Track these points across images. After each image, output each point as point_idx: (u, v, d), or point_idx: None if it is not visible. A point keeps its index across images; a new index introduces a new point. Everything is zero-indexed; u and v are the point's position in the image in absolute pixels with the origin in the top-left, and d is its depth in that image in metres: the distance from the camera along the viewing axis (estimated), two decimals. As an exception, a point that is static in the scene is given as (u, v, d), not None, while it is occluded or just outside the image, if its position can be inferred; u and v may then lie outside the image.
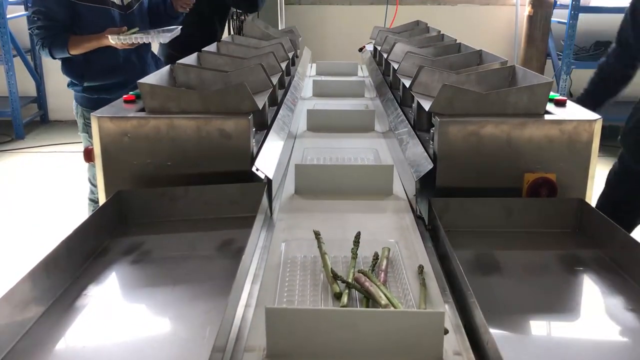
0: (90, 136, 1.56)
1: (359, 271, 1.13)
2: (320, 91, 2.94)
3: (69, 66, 2.80)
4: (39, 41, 2.68)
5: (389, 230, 1.42)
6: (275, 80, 2.01)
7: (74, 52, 2.67)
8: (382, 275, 1.16)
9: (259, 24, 3.29)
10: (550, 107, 1.57)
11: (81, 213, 3.11)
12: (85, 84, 2.80)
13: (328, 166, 1.80)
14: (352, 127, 2.30)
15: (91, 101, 2.79)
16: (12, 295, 0.97)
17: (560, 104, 1.60)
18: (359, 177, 1.66)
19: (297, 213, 1.53)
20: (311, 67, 3.70)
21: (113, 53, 2.76)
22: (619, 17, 2.39)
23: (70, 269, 1.16)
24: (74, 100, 2.92)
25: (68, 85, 2.89)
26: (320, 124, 2.31)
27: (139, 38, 2.62)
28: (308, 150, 2.02)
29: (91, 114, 1.49)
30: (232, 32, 4.67)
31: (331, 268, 1.16)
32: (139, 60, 2.92)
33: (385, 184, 1.66)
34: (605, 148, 5.61)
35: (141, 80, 1.56)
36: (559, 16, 5.83)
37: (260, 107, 1.59)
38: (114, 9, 2.75)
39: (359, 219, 1.49)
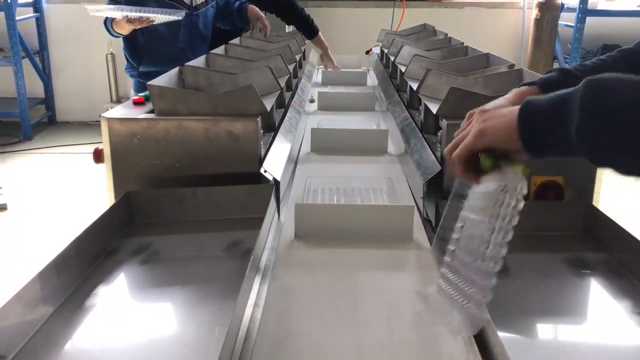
0: None
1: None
2: (325, 104, 2.71)
3: (131, 48, 3.00)
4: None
5: (412, 296, 1.15)
6: (282, 82, 2.02)
7: (117, 29, 2.84)
8: None
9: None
10: (557, 110, 1.56)
11: (90, 214, 3.12)
12: (141, 69, 2.96)
13: (335, 206, 1.52)
14: (362, 149, 2.08)
15: (144, 88, 2.98)
16: (22, 294, 0.98)
17: (567, 107, 1.60)
18: (372, 219, 1.42)
19: (296, 269, 1.29)
20: (317, 71, 3.62)
21: (172, 43, 2.95)
22: (626, 21, 2.39)
23: (80, 269, 1.17)
24: (132, 88, 3.14)
25: (125, 69, 3.09)
26: (325, 145, 2.09)
27: (133, 11, 2.64)
28: (312, 179, 1.77)
29: (101, 115, 1.51)
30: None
31: None
32: (194, 54, 2.96)
33: (405, 229, 1.42)
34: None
35: (150, 82, 1.58)
36: (566, 19, 5.82)
37: (269, 110, 1.60)
38: (182, 7, 2.89)
39: (373, 279, 1.24)
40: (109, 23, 2.85)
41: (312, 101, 2.79)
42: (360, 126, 2.33)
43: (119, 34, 2.90)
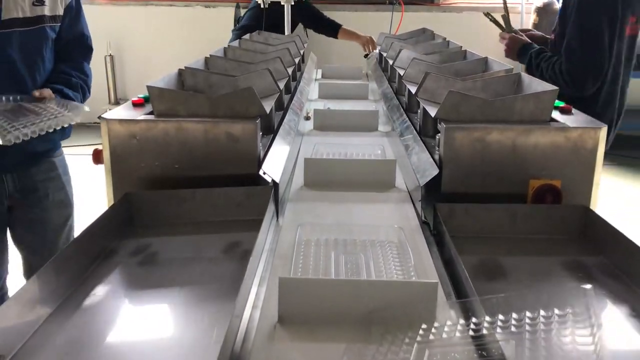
0: None
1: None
2: (322, 124, 2.40)
3: None
4: None
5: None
6: (282, 85, 2.02)
7: None
8: None
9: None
10: (555, 114, 1.58)
11: (88, 215, 3.12)
12: None
13: (332, 283, 1.12)
14: (365, 183, 1.76)
15: None
16: (21, 295, 0.98)
17: (565, 111, 1.61)
18: (383, 300, 1.04)
19: None
20: (314, 83, 3.41)
21: None
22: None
23: (78, 269, 1.17)
24: None
25: None
26: (321, 178, 1.77)
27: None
28: (303, 228, 1.45)
29: (100, 116, 1.51)
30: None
31: None
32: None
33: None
34: (611, 156, 5.59)
35: (150, 84, 1.58)
36: (564, 24, 5.83)
37: (268, 112, 1.60)
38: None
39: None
40: None
41: (307, 118, 2.51)
42: (362, 151, 2.04)
43: None
